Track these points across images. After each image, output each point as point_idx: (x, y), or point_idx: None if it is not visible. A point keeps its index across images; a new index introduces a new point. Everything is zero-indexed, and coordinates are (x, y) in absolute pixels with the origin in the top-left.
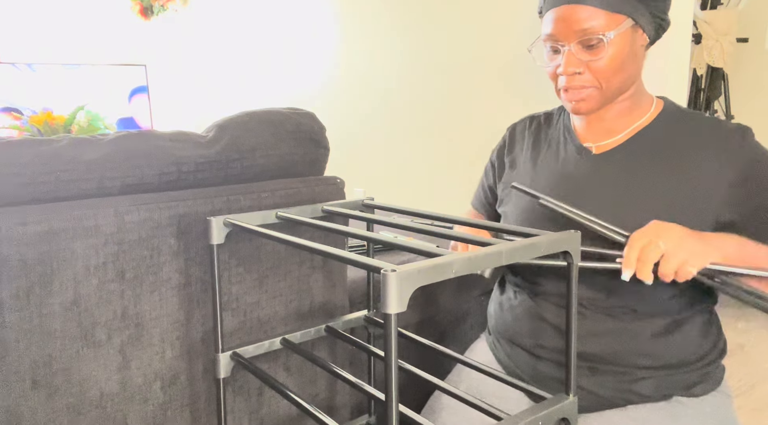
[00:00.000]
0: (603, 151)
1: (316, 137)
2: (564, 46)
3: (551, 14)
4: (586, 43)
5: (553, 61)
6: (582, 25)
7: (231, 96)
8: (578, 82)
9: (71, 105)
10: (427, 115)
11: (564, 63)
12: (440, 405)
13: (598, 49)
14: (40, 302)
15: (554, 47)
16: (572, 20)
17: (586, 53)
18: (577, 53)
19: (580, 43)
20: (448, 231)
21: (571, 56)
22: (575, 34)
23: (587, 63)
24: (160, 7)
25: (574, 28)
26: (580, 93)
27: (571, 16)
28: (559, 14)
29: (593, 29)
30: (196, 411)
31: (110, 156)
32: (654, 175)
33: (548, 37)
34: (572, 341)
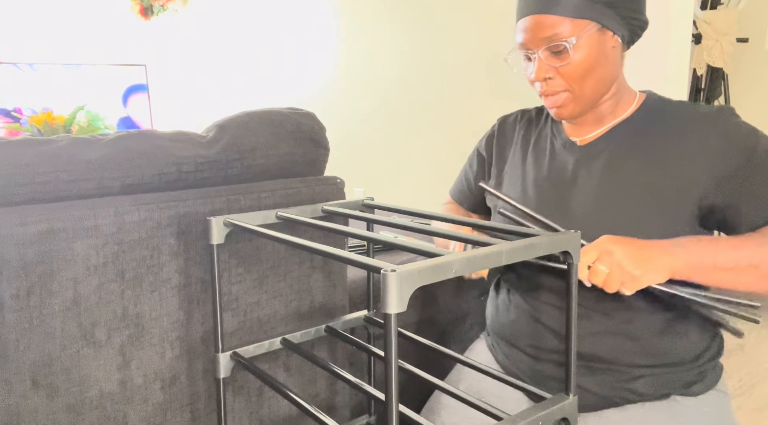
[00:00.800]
0: (587, 142)
1: (316, 137)
2: (534, 53)
3: (521, 24)
4: (553, 50)
5: (526, 69)
6: (546, 32)
7: (231, 96)
8: (551, 87)
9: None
10: (427, 115)
11: (535, 70)
12: (440, 405)
13: (565, 55)
14: (40, 302)
15: (526, 55)
16: (538, 28)
17: (555, 59)
18: (546, 60)
19: (548, 49)
20: (448, 231)
21: (540, 63)
22: (542, 41)
23: (557, 69)
24: (160, 7)
25: (540, 35)
26: (556, 99)
27: (537, 25)
28: (527, 23)
29: (558, 36)
30: (196, 411)
31: (110, 156)
32: (637, 162)
33: (520, 46)
34: (572, 341)
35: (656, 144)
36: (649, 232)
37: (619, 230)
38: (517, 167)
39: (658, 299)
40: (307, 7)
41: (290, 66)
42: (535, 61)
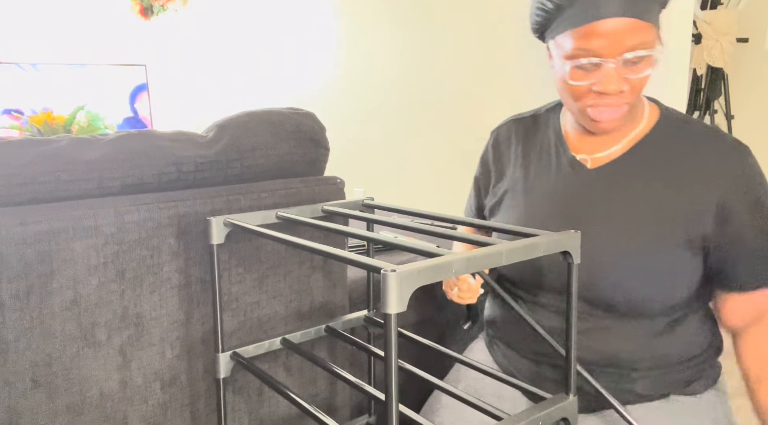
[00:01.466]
0: (598, 165)
1: (316, 137)
2: (606, 62)
3: (587, 28)
4: (633, 59)
5: (582, 79)
6: (635, 39)
7: (231, 96)
8: (616, 100)
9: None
10: (427, 115)
11: (606, 81)
12: (439, 405)
13: (644, 65)
14: (40, 302)
15: (587, 64)
16: (624, 35)
17: (629, 69)
18: (620, 69)
19: (625, 59)
20: (449, 231)
21: (615, 74)
22: (626, 48)
23: (628, 80)
24: (160, 7)
25: (622, 42)
26: (614, 112)
27: (625, 30)
28: (601, 28)
29: (646, 44)
30: (196, 411)
31: (110, 156)
32: (649, 191)
33: (583, 52)
34: (572, 341)
35: (672, 169)
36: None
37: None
38: (518, 185)
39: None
40: (307, 7)
41: (290, 66)
42: (607, 72)
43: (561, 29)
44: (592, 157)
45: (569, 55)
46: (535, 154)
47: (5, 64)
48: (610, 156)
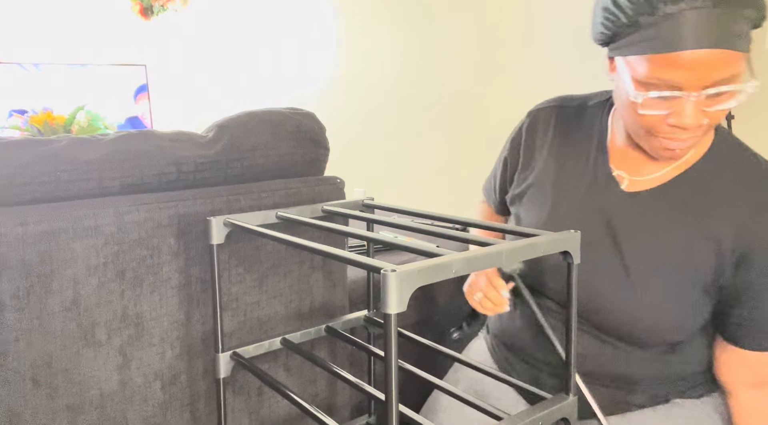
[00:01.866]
0: (634, 190)
1: (316, 137)
2: (688, 95)
3: (669, 58)
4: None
5: (657, 109)
6: (720, 73)
7: (231, 96)
8: (691, 133)
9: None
10: (427, 115)
11: (683, 115)
12: (439, 405)
13: (726, 97)
14: (40, 302)
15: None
16: (707, 66)
17: (711, 102)
18: (702, 104)
19: (708, 91)
20: (449, 231)
21: (695, 107)
22: (708, 82)
23: (707, 113)
24: (160, 7)
25: (709, 76)
26: (686, 143)
27: (707, 62)
28: (686, 59)
29: (733, 78)
30: (196, 411)
31: (110, 156)
32: (681, 229)
33: (662, 83)
34: (572, 341)
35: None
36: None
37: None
38: (545, 183)
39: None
40: (307, 7)
41: (290, 66)
42: (688, 105)
43: (635, 50)
44: (630, 178)
45: (643, 81)
46: (571, 153)
47: (6, 64)
48: (650, 183)
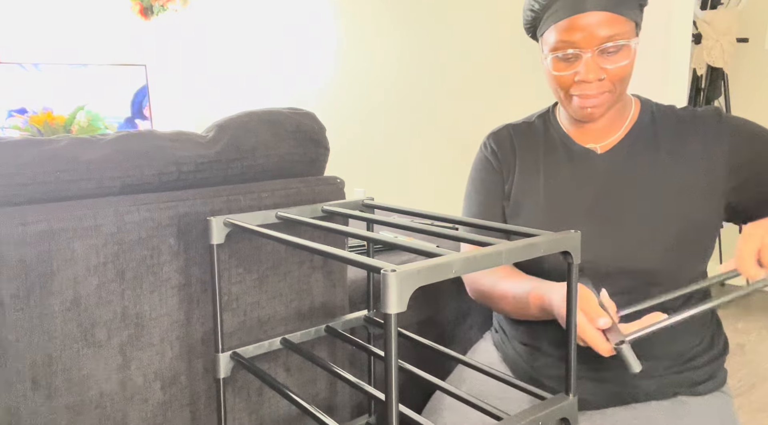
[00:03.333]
0: (607, 149)
1: (316, 137)
2: (584, 53)
3: (570, 22)
4: (609, 50)
5: (565, 70)
6: (609, 31)
7: (231, 96)
8: (597, 88)
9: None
10: (427, 115)
11: (585, 70)
12: (441, 406)
13: (620, 55)
14: (40, 302)
15: (565, 56)
16: (598, 27)
17: (606, 60)
18: (596, 60)
19: (602, 49)
20: (449, 231)
21: (592, 63)
22: (600, 40)
23: (606, 69)
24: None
25: (600, 34)
26: (597, 99)
27: (598, 23)
28: (577, 22)
29: (620, 35)
30: (196, 411)
31: (110, 156)
32: (659, 164)
33: (564, 44)
34: (572, 341)
35: (672, 144)
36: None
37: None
38: (529, 184)
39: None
40: (307, 7)
41: (290, 66)
42: (585, 62)
43: (546, 26)
44: (599, 145)
45: (552, 47)
46: (541, 155)
47: (6, 64)
48: (615, 141)
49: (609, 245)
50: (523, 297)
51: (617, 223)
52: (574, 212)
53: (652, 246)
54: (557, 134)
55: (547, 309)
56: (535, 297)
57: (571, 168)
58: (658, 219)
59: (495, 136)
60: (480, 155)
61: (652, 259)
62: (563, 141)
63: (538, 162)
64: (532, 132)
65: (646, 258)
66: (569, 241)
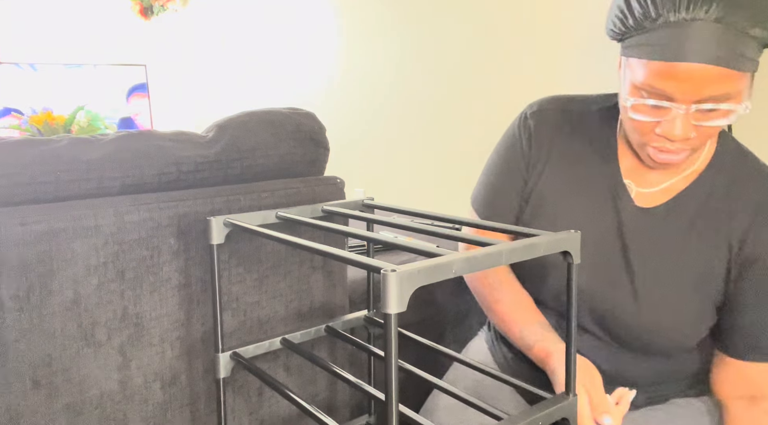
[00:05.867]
0: (644, 206)
1: (316, 137)
2: (677, 107)
3: (664, 66)
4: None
5: (649, 116)
6: (713, 90)
7: (231, 96)
8: (681, 145)
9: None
10: (427, 115)
11: (672, 126)
12: (439, 405)
13: (719, 114)
14: (40, 302)
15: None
16: (700, 81)
17: (702, 116)
18: (691, 117)
19: (699, 108)
20: (449, 231)
21: (684, 120)
22: (698, 97)
23: (698, 127)
24: (160, 7)
25: (701, 91)
26: (676, 155)
27: (701, 77)
28: (681, 71)
29: (727, 96)
30: (196, 411)
31: (110, 156)
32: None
33: (654, 91)
34: (572, 341)
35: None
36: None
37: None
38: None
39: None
40: (307, 7)
41: (290, 66)
42: (676, 117)
43: (636, 53)
44: (637, 189)
45: (637, 86)
46: (579, 163)
47: (5, 64)
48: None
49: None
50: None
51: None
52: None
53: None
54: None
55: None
56: (539, 352)
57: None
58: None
59: (540, 115)
60: (515, 130)
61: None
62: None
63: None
64: (581, 129)
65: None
66: (569, 241)
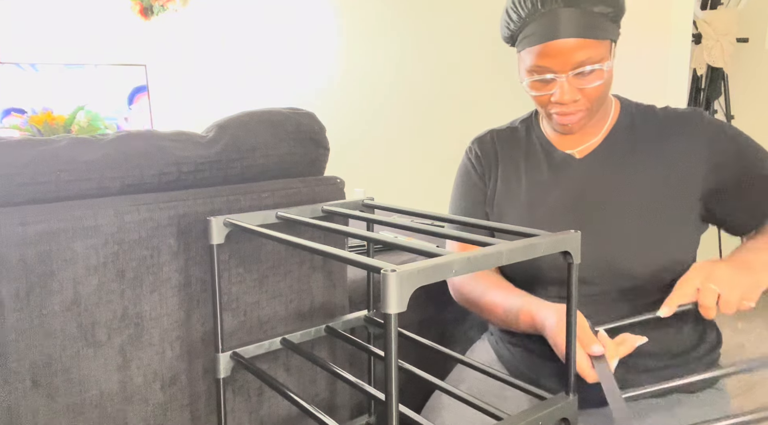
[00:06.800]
0: (585, 154)
1: (316, 137)
2: (558, 77)
3: (540, 48)
4: (583, 72)
5: (542, 90)
6: (580, 56)
7: (231, 96)
8: (573, 107)
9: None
10: (427, 115)
11: (560, 92)
12: (440, 405)
13: (594, 76)
14: (40, 302)
15: (543, 79)
16: (570, 52)
17: (581, 80)
18: (571, 82)
19: (575, 73)
20: (448, 231)
21: (566, 86)
22: (573, 65)
23: (582, 90)
24: (160, 7)
25: (572, 60)
26: (574, 116)
27: (569, 49)
28: (551, 48)
29: (592, 59)
30: (196, 411)
31: (110, 156)
32: (641, 165)
33: (539, 68)
34: (572, 341)
35: (652, 145)
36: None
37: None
38: (511, 187)
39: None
40: (307, 7)
41: (290, 66)
42: (560, 85)
43: (522, 46)
44: (576, 150)
45: (528, 70)
46: (524, 159)
47: (5, 64)
48: (593, 145)
49: (590, 250)
50: (512, 312)
51: (596, 227)
52: (555, 217)
53: (632, 249)
54: (539, 139)
55: (539, 329)
56: (525, 314)
57: (552, 174)
58: (636, 222)
59: (479, 141)
60: (465, 159)
61: (631, 262)
62: (544, 147)
63: (519, 168)
64: (514, 138)
65: (626, 261)
66: (569, 241)
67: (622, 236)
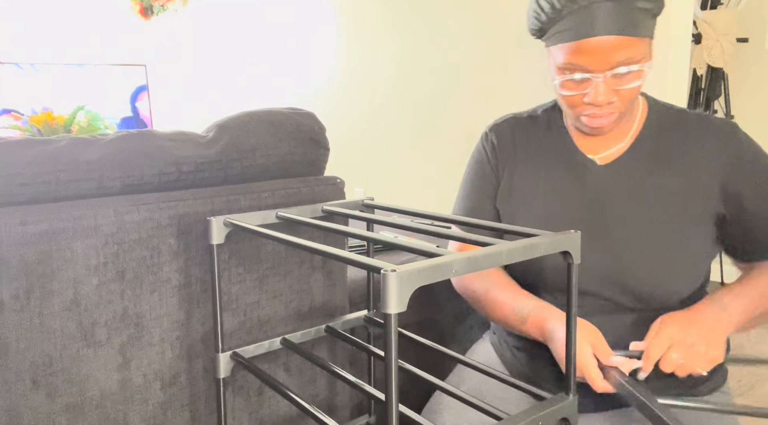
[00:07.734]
0: (608, 162)
1: (316, 137)
2: (594, 77)
3: (576, 45)
4: (622, 72)
5: (575, 90)
6: (619, 56)
7: (231, 96)
8: (605, 110)
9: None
10: (427, 115)
11: (595, 93)
12: (441, 405)
13: (632, 77)
14: (40, 302)
15: (576, 78)
16: (605, 51)
17: (618, 81)
18: (608, 83)
19: (613, 73)
20: (449, 231)
21: (602, 87)
22: (609, 65)
23: (617, 91)
24: (160, 7)
25: (609, 59)
26: (606, 118)
27: (605, 47)
28: (589, 45)
29: (631, 59)
30: (196, 411)
31: (110, 156)
32: (661, 175)
33: (573, 67)
34: (572, 341)
35: (675, 153)
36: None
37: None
38: (527, 184)
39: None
40: (307, 7)
41: (290, 66)
42: (596, 85)
43: (553, 41)
44: (599, 156)
45: (560, 67)
46: (543, 156)
47: (5, 64)
48: (617, 153)
49: (604, 265)
50: (521, 314)
51: (611, 243)
52: (568, 222)
53: (647, 268)
54: (561, 137)
55: (546, 339)
56: (534, 320)
57: (570, 179)
58: (653, 240)
59: (497, 128)
60: (479, 146)
61: (641, 277)
62: (566, 147)
63: (536, 168)
64: (535, 129)
65: (640, 281)
66: (569, 241)
67: (638, 254)
